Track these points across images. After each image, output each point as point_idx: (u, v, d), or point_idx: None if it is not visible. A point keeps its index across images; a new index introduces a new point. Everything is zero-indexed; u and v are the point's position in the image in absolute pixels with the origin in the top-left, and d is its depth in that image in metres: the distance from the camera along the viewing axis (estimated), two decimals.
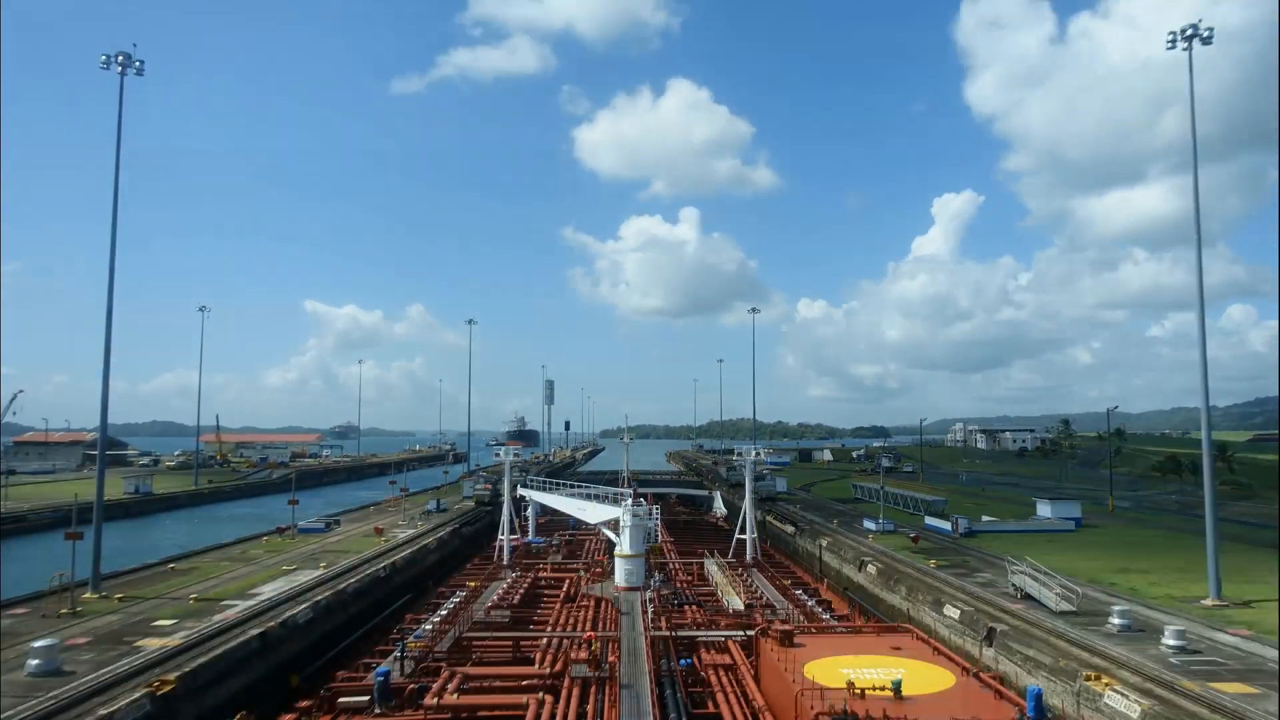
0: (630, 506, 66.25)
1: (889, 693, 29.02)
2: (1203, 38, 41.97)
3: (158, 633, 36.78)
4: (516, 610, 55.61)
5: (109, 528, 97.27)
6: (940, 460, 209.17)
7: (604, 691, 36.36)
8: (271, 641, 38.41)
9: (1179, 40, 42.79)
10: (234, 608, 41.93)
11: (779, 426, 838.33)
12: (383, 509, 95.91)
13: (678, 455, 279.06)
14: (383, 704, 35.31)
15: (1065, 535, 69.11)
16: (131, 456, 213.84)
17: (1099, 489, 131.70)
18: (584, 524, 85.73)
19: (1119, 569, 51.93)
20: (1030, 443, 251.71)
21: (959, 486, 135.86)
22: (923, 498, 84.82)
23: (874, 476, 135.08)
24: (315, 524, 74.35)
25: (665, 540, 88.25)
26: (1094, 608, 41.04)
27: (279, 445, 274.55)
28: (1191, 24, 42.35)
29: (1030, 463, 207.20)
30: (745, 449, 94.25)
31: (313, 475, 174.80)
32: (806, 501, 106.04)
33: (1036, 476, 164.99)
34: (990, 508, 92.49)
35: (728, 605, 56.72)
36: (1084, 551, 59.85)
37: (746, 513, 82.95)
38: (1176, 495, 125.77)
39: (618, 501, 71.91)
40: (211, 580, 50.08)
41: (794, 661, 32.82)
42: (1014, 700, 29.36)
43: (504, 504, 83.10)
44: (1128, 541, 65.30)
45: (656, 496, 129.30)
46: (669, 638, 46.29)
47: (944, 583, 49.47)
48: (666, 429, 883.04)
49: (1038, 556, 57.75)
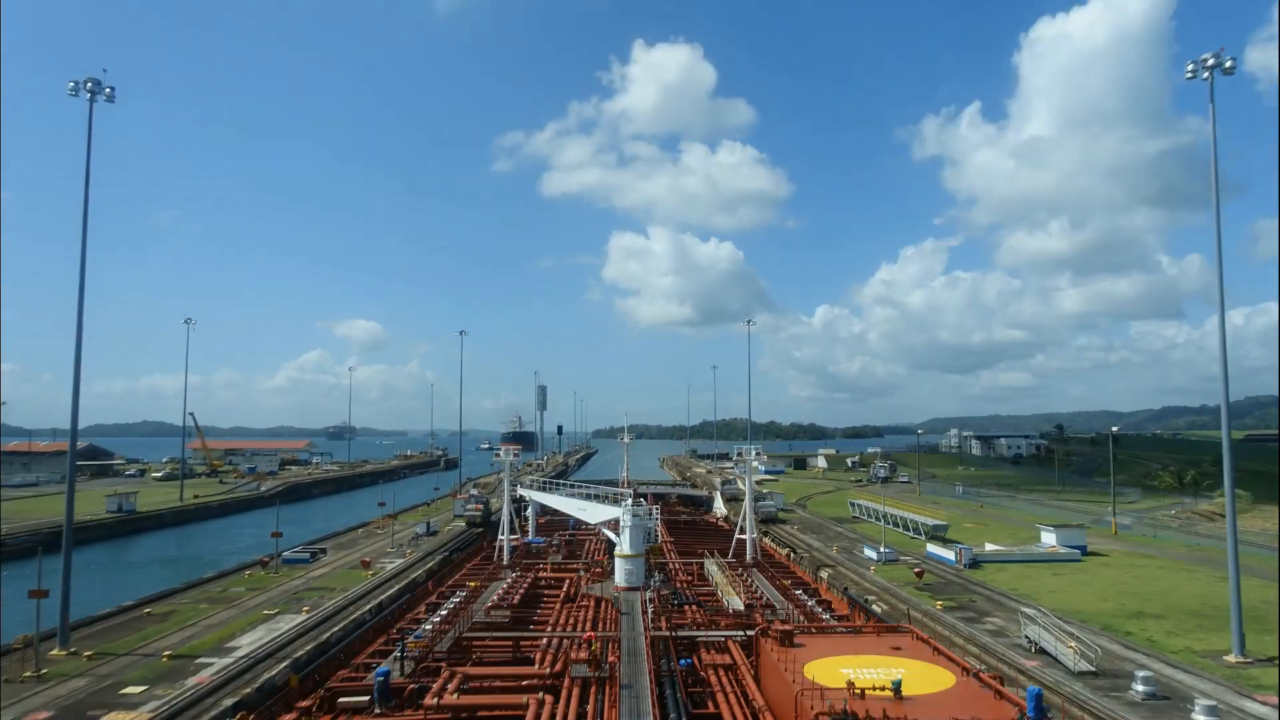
0: (630, 506, 66.21)
1: (889, 693, 28.96)
2: (1225, 68, 40.56)
3: (125, 703, 34.53)
4: (516, 610, 55.47)
5: (90, 551, 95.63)
6: (935, 466, 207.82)
7: (604, 691, 36.42)
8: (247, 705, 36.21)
9: (1200, 70, 41.49)
10: (209, 667, 39.69)
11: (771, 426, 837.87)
12: (371, 531, 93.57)
13: (672, 462, 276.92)
14: (383, 704, 35.31)
15: (1071, 565, 67.38)
16: (118, 466, 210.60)
17: (1098, 500, 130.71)
18: (584, 524, 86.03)
19: (1133, 613, 50.12)
20: (1025, 449, 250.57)
21: (956, 500, 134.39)
22: (924, 521, 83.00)
23: (872, 493, 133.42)
24: (300, 554, 72.00)
25: (665, 540, 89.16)
26: (1114, 665, 39.21)
27: (268, 452, 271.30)
28: (1214, 53, 41.18)
29: (1026, 470, 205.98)
30: (744, 449, 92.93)
31: (301, 488, 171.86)
32: (804, 522, 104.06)
33: (1034, 486, 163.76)
34: (991, 529, 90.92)
35: (728, 605, 56.54)
36: (1093, 588, 58.11)
37: (746, 513, 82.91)
38: (1176, 509, 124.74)
39: (618, 501, 71.76)
40: (188, 629, 47.75)
41: (794, 661, 32.82)
42: (1014, 700, 29.22)
43: (504, 504, 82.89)
44: (1137, 574, 63.55)
45: (656, 496, 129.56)
46: (669, 638, 46.30)
47: (953, 630, 47.53)
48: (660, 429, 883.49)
49: (1045, 592, 56.25)
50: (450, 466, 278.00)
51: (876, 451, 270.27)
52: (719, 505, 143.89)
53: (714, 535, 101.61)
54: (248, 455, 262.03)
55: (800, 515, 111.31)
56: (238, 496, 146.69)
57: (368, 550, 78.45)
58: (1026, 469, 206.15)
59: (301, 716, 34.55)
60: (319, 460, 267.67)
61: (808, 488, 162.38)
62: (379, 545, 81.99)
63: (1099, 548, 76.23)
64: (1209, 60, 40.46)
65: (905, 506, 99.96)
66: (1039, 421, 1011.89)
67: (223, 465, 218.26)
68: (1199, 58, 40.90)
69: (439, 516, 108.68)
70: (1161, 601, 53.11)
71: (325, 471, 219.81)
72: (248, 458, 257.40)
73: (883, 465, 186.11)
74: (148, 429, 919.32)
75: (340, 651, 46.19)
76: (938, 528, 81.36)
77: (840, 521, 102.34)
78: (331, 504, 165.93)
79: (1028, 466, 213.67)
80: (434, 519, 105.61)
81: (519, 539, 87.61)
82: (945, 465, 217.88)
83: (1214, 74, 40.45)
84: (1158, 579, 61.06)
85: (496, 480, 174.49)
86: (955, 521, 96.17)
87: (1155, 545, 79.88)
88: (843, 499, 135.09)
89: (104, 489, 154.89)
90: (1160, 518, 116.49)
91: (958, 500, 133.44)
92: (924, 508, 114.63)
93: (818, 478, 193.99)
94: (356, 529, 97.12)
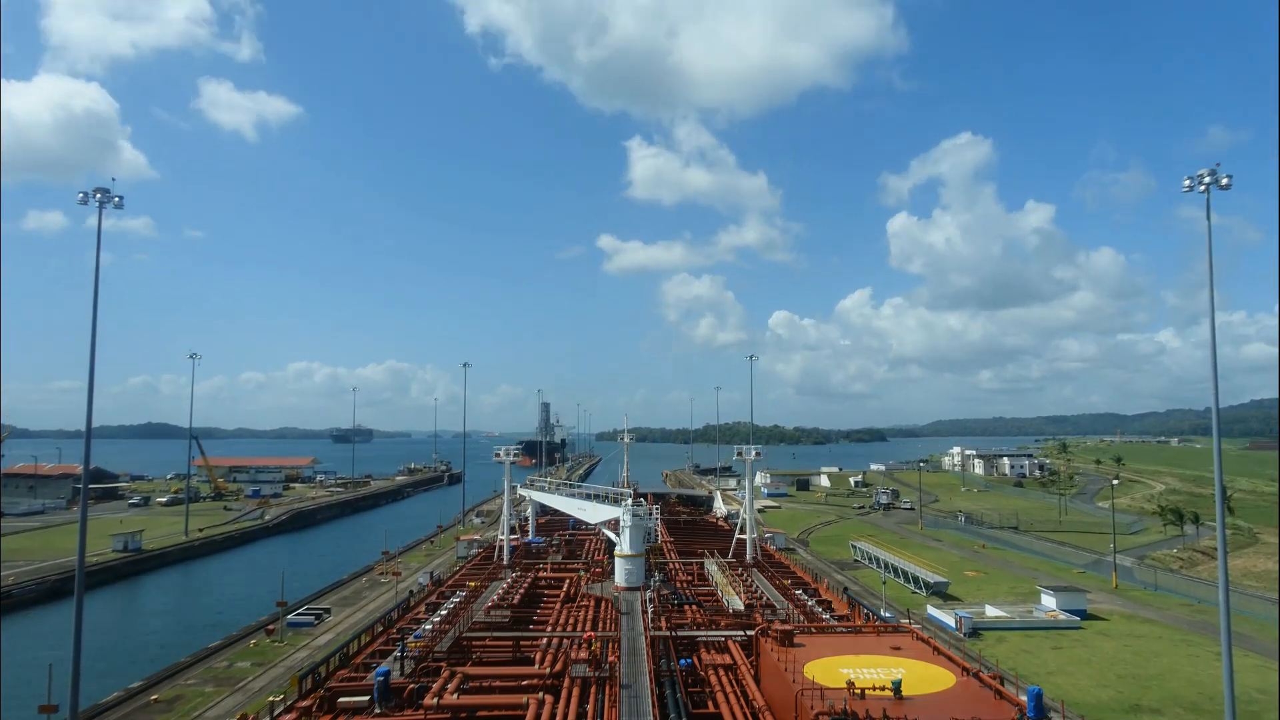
0: (630, 506, 66.11)
1: (889, 693, 28.82)
2: (1220, 184, 41.30)
3: None
4: (516, 610, 55.37)
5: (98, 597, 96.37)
6: (938, 489, 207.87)
7: (604, 691, 36.29)
8: None
9: (1196, 184, 42.38)
10: None
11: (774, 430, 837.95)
12: (374, 579, 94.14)
13: (675, 478, 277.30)
14: (383, 704, 35.23)
15: (1071, 634, 67.66)
16: (123, 488, 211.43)
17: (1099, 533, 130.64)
18: (584, 524, 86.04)
19: (1130, 706, 50.46)
20: (1029, 469, 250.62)
21: (958, 535, 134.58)
22: (925, 577, 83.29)
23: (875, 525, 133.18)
24: (304, 617, 72.64)
25: (665, 540, 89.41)
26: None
27: (272, 470, 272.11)
28: (1210, 169, 42.10)
29: (1029, 495, 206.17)
30: (745, 450, 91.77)
31: (306, 514, 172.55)
32: (806, 565, 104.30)
33: (1036, 516, 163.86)
34: (993, 580, 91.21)
35: (728, 605, 56.38)
36: (1092, 667, 58.39)
37: (746, 513, 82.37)
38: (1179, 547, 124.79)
39: (618, 501, 71.53)
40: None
41: (794, 661, 32.76)
42: (1014, 700, 28.94)
43: (503, 503, 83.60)
44: (1136, 647, 63.78)
45: (656, 496, 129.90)
46: (669, 638, 46.21)
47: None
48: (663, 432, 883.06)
49: (1043, 673, 56.55)
50: (454, 481, 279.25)
51: (880, 470, 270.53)
52: (719, 505, 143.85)
53: (714, 535, 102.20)
54: (252, 473, 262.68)
55: (801, 557, 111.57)
56: (243, 528, 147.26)
57: (373, 606, 79.02)
58: (1030, 494, 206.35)
59: (301, 716, 34.45)
60: (323, 478, 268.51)
61: (810, 517, 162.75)
62: (382, 600, 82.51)
63: (1099, 608, 76.48)
64: (1205, 177, 41.30)
65: (906, 554, 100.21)
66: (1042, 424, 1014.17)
67: (228, 486, 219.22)
68: (1195, 174, 41.74)
69: (442, 558, 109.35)
70: (1159, 690, 53.38)
71: (330, 493, 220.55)
72: (252, 476, 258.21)
73: (884, 492, 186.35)
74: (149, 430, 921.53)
75: (340, 651, 46.45)
76: (938, 585, 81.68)
77: (842, 567, 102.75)
78: (337, 530, 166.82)
79: (1031, 490, 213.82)
80: (437, 561, 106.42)
81: (519, 539, 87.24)
82: (947, 489, 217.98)
83: (1210, 190, 41.27)
84: (1156, 657, 61.28)
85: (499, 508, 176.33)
86: (956, 568, 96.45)
87: (1155, 604, 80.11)
88: (846, 534, 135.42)
89: (110, 518, 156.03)
90: (1162, 557, 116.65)
91: (960, 536, 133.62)
92: (925, 548, 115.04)
93: (821, 502, 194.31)
94: (361, 575, 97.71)
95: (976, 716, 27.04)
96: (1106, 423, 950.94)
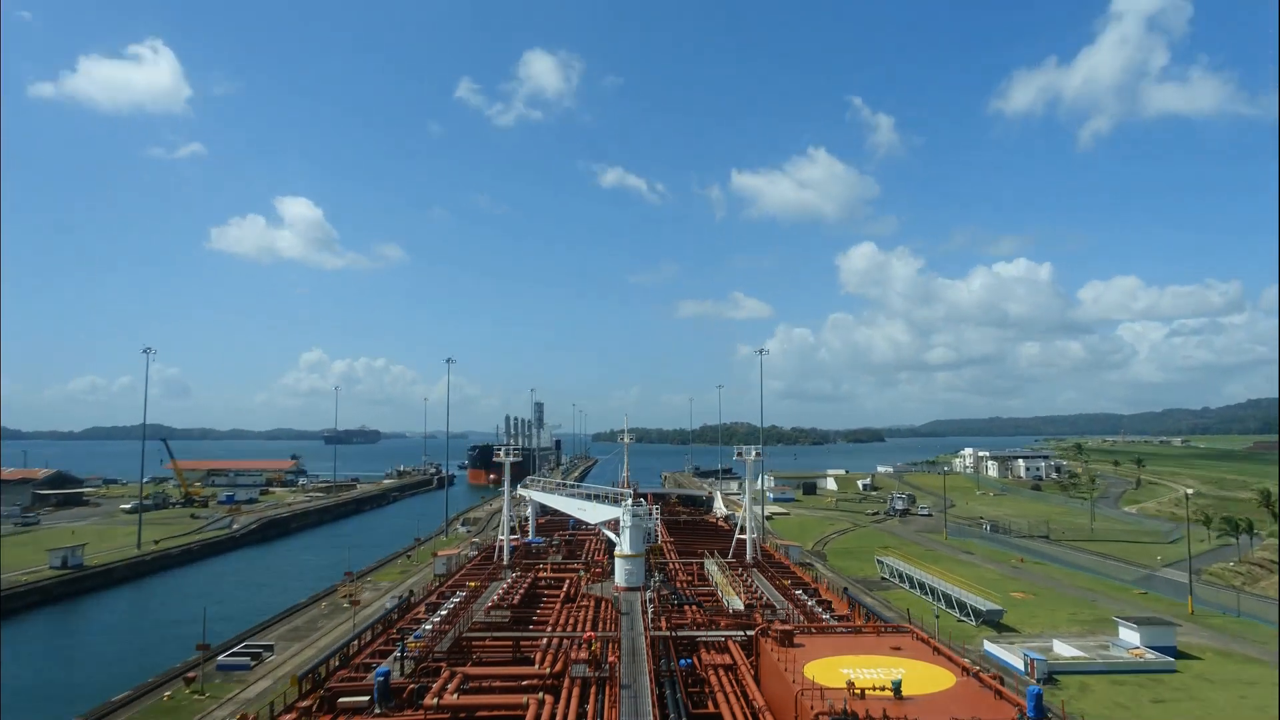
0: (630, 506, 66.40)
1: (889, 693, 28.65)
2: None
3: None
4: (516, 610, 55.66)
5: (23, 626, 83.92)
6: (952, 492, 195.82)
7: (604, 691, 36.46)
8: None
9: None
10: None
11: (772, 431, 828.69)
12: (336, 604, 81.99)
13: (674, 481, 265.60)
14: (383, 704, 35.40)
15: (1168, 680, 55.74)
16: (87, 495, 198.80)
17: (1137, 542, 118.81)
18: (584, 524, 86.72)
19: None
20: (1044, 470, 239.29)
21: (987, 544, 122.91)
22: (975, 604, 71.31)
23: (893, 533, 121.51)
24: (238, 658, 60.23)
25: (665, 540, 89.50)
26: None
27: (252, 473, 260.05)
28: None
29: (1050, 499, 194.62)
30: (745, 451, 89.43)
31: (278, 523, 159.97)
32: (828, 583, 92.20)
33: (1064, 522, 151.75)
34: (1046, 602, 79.50)
35: (728, 605, 56.51)
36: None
37: (746, 513, 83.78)
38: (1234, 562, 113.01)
39: (618, 501, 72.09)
40: None
41: (794, 661, 32.80)
42: (1014, 700, 28.77)
43: (504, 503, 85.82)
44: (1256, 699, 51.81)
45: (656, 496, 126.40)
46: (669, 638, 46.36)
47: None
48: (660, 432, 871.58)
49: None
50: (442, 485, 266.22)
51: (888, 472, 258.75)
52: (719, 505, 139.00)
53: (714, 535, 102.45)
54: (230, 477, 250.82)
55: (821, 571, 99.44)
56: (205, 538, 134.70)
57: (325, 641, 66.76)
58: (1050, 498, 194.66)
59: (301, 716, 34.65)
60: (304, 482, 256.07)
61: (822, 524, 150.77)
62: (341, 631, 70.20)
63: (1184, 640, 64.60)
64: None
65: (940, 571, 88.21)
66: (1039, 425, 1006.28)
67: (201, 491, 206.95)
68: None
69: (418, 576, 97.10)
70: None
71: (309, 498, 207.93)
72: (230, 479, 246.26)
73: (900, 496, 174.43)
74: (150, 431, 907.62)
75: (340, 651, 46.42)
76: (992, 613, 69.75)
77: (869, 587, 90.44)
78: (311, 540, 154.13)
79: (1051, 494, 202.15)
80: (413, 579, 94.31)
81: (519, 539, 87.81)
82: (962, 492, 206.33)
83: None
84: None
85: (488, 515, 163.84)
86: (997, 587, 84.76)
87: (1248, 637, 68.26)
88: (865, 544, 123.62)
89: (64, 527, 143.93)
90: (1220, 572, 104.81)
91: (990, 547, 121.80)
92: (956, 563, 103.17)
93: (830, 507, 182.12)
94: (321, 599, 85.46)
95: (976, 716, 26.71)
96: (1105, 423, 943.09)
